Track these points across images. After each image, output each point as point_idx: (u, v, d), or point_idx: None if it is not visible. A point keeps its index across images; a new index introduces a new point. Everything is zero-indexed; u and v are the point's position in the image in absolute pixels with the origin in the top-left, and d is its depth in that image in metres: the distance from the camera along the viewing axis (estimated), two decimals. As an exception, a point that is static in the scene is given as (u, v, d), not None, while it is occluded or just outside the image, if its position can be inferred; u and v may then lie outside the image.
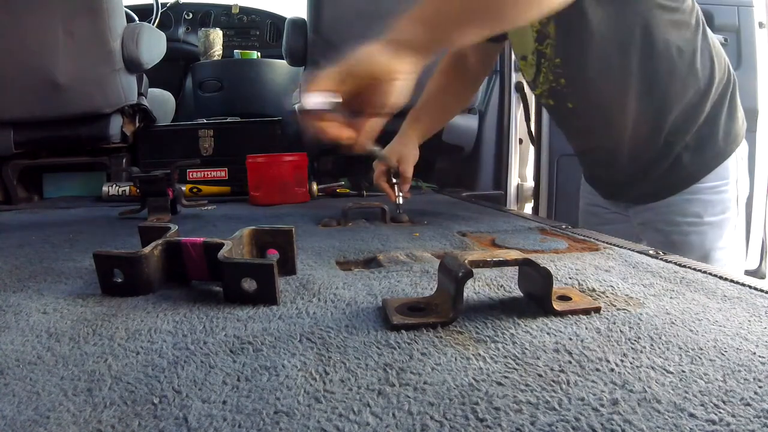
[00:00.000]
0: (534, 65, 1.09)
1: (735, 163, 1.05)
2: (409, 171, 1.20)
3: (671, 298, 0.60)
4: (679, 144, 1.03)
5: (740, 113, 1.08)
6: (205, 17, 3.01)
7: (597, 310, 0.55)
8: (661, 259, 0.78)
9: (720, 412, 0.35)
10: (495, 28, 0.70)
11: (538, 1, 0.68)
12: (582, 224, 1.27)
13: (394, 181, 1.23)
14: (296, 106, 0.74)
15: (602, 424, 0.34)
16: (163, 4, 2.86)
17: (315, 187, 1.76)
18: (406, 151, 1.21)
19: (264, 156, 1.64)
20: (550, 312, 0.54)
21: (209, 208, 1.49)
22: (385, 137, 1.25)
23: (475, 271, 0.53)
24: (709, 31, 1.04)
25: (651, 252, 0.82)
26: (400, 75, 0.64)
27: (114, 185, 1.81)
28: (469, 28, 0.66)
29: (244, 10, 3.07)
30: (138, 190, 1.39)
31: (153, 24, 2.64)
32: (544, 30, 1.02)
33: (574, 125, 1.15)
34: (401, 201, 1.22)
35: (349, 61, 0.65)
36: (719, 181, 1.04)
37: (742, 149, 1.07)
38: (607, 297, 0.60)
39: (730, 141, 1.05)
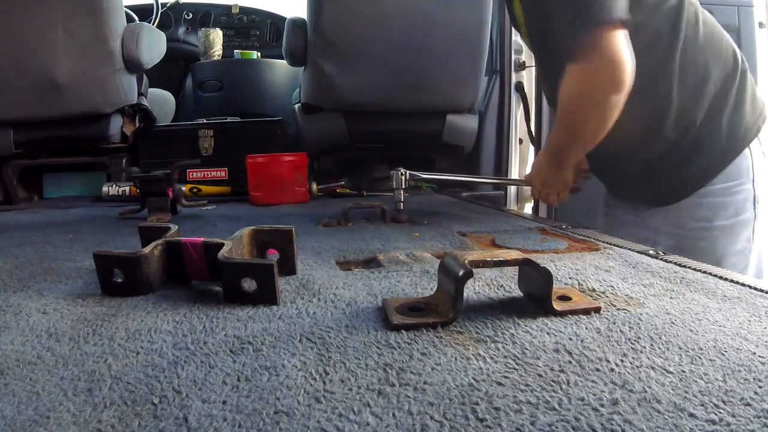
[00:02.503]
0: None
1: (749, 161, 0.98)
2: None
3: (671, 298, 0.60)
4: (679, 142, 1.00)
5: (749, 107, 1.01)
6: (205, 17, 3.01)
7: (597, 310, 0.55)
8: (661, 259, 0.78)
9: (720, 412, 0.35)
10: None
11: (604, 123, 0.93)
12: (599, 224, 1.26)
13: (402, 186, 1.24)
14: None
15: (602, 424, 0.34)
16: (163, 4, 2.85)
17: (315, 187, 1.76)
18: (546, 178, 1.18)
19: (264, 156, 1.64)
20: (550, 312, 0.54)
21: (209, 208, 1.49)
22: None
23: (475, 271, 0.53)
24: (707, 23, 1.00)
25: (651, 252, 0.82)
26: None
27: (114, 185, 1.81)
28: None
29: (244, 10, 3.07)
30: (138, 190, 1.39)
31: (153, 24, 2.63)
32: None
33: None
34: (401, 207, 1.22)
35: None
36: (732, 181, 0.98)
37: (757, 144, 1.00)
38: (607, 297, 0.60)
39: (738, 137, 0.98)
